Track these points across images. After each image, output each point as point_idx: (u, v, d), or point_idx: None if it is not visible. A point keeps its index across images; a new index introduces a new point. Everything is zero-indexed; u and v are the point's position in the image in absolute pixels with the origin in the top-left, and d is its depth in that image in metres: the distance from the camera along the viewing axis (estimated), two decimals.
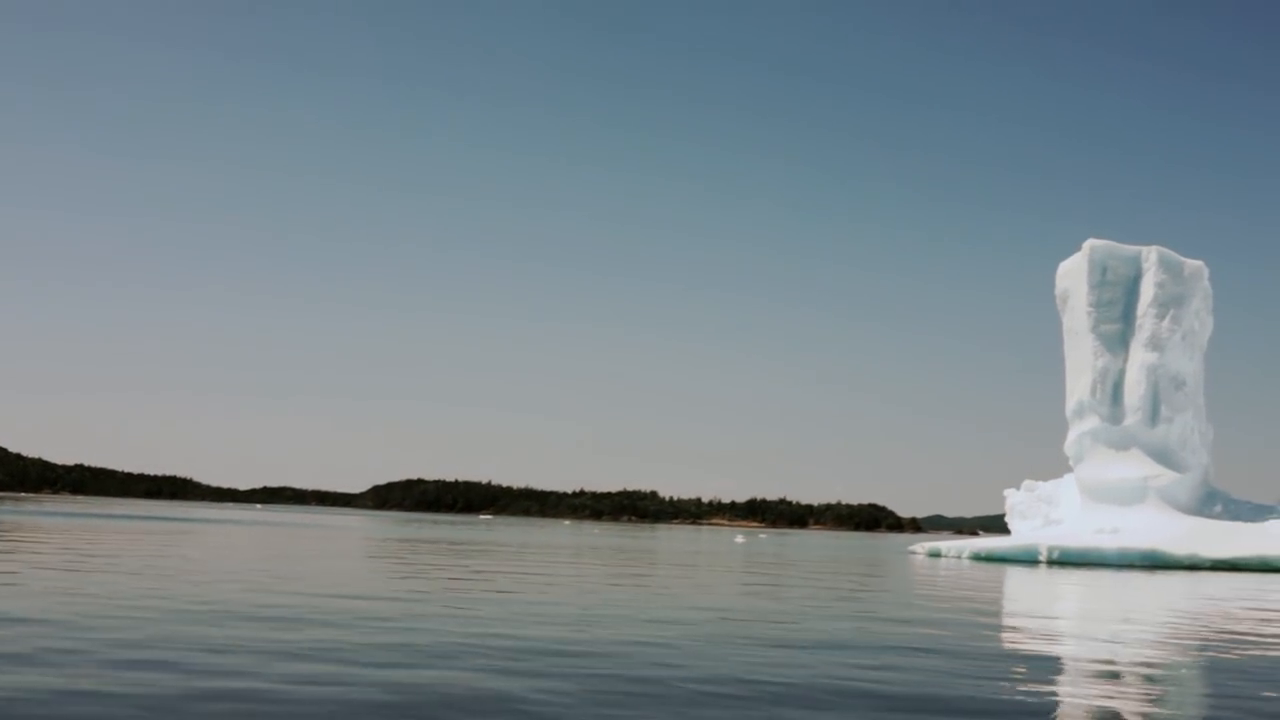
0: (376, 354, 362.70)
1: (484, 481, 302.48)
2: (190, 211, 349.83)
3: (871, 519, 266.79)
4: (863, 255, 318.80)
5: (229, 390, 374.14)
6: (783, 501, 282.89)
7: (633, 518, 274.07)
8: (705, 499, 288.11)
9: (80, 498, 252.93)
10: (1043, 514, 60.15)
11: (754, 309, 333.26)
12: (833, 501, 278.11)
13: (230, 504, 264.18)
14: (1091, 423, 58.23)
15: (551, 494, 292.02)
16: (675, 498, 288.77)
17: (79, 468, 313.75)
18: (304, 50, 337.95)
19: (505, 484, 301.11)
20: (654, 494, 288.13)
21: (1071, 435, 59.42)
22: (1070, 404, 59.61)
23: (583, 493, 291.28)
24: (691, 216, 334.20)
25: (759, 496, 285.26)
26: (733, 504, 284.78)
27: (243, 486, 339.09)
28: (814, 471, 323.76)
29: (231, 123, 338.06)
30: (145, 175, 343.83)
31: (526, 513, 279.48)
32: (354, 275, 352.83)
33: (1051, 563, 52.87)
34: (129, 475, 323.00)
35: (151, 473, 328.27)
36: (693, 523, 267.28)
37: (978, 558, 55.73)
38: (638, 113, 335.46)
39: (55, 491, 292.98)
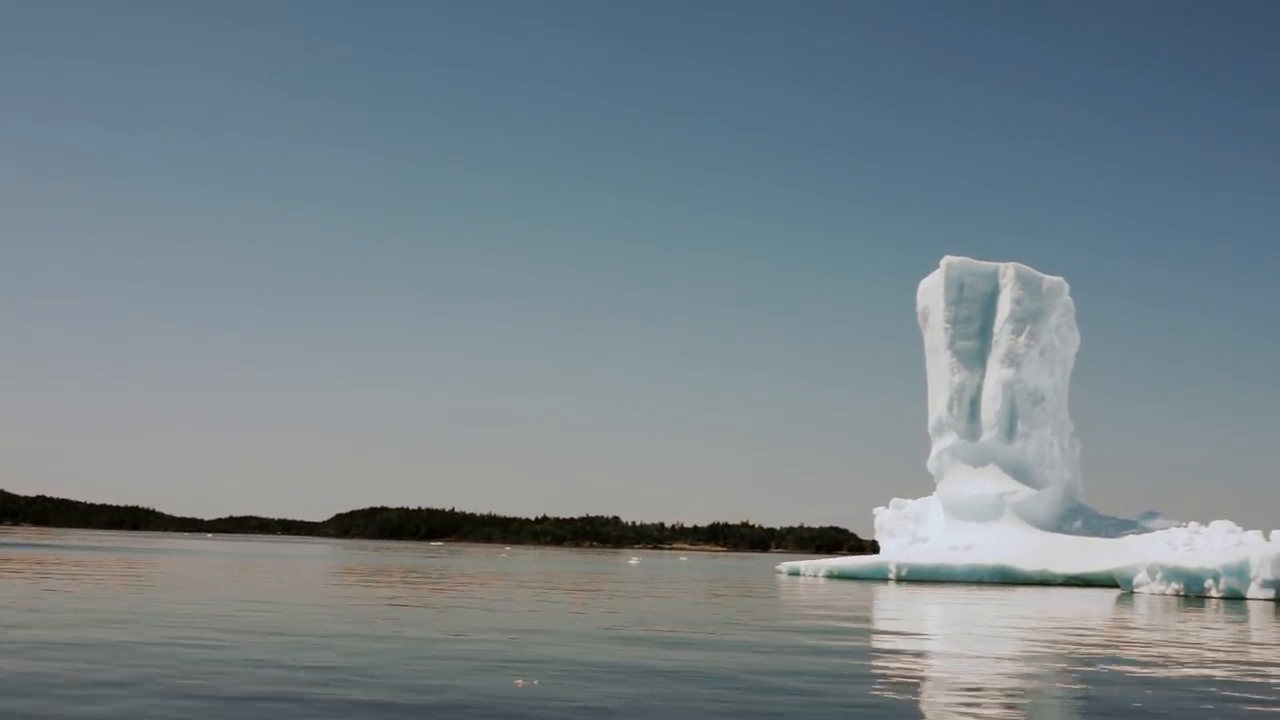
0: (341, 382, 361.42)
1: (447, 509, 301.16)
2: (152, 238, 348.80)
3: (833, 541, 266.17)
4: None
5: (193, 420, 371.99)
6: (745, 525, 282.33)
7: (594, 543, 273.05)
8: (668, 524, 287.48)
9: (41, 529, 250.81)
10: (910, 531, 59.98)
11: (717, 329, 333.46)
12: (795, 525, 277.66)
13: (187, 534, 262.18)
14: (950, 440, 58.17)
15: (514, 520, 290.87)
16: (638, 523, 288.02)
17: (40, 499, 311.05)
18: (293, 68, 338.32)
19: (468, 511, 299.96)
20: (616, 519, 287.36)
21: (932, 452, 59.35)
22: (931, 421, 59.55)
23: (545, 519, 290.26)
24: (645, 240, 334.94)
25: (721, 521, 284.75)
26: (695, 528, 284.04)
27: (207, 516, 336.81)
28: (777, 494, 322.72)
29: (201, 147, 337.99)
30: (105, 198, 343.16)
31: (489, 539, 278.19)
32: (316, 304, 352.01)
33: (901, 580, 52.67)
34: (91, 506, 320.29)
35: (114, 503, 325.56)
36: (654, 547, 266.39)
37: (831, 576, 55.54)
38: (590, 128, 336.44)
39: (16, 523, 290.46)
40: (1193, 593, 42.07)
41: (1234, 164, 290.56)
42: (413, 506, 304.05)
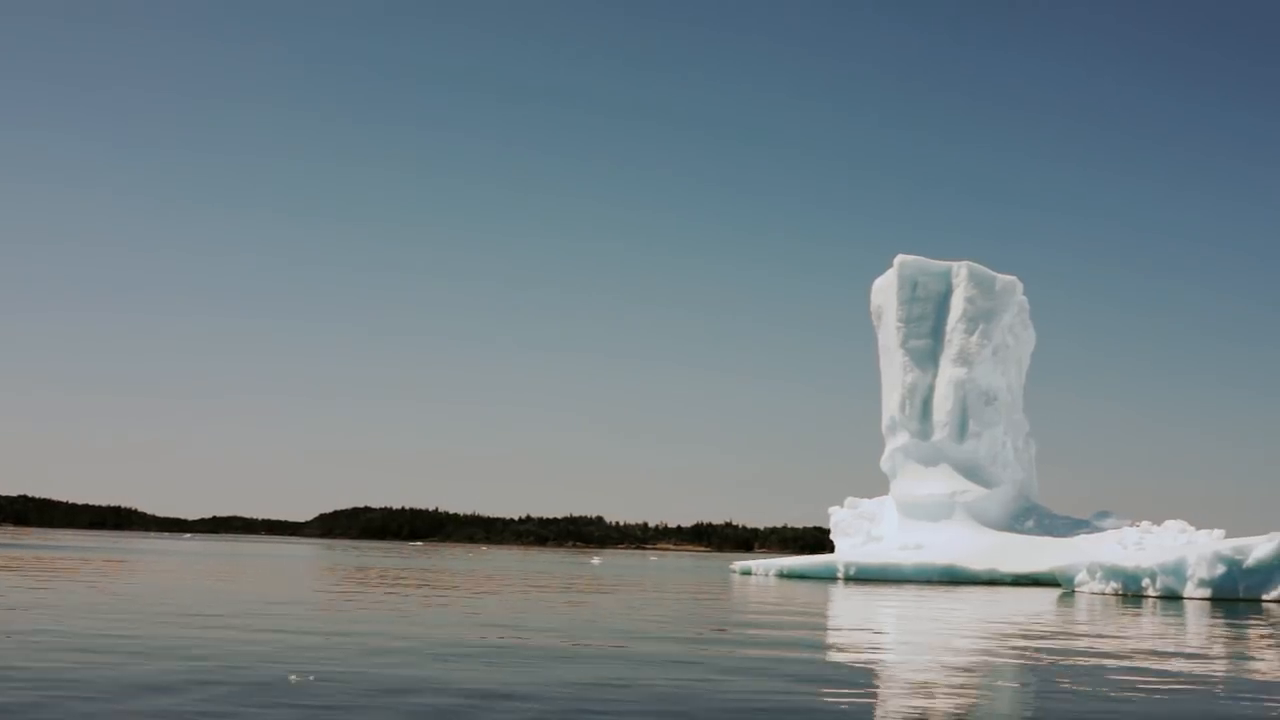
0: (326, 382, 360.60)
1: (431, 509, 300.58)
2: (131, 241, 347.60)
3: (816, 542, 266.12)
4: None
5: (177, 419, 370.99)
6: (729, 525, 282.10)
7: (577, 544, 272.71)
8: (652, 524, 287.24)
9: (22, 529, 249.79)
10: (864, 531, 59.88)
11: (702, 328, 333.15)
12: (779, 525, 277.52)
13: (166, 535, 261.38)
14: (902, 439, 58.09)
15: (498, 520, 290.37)
16: (621, 523, 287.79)
17: (22, 498, 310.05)
18: (281, 81, 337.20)
19: (452, 511, 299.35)
20: (600, 519, 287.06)
21: (886, 452, 59.26)
22: (884, 420, 59.46)
23: (529, 519, 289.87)
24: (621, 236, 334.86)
25: (705, 521, 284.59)
26: (679, 528, 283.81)
27: (190, 516, 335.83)
28: (761, 495, 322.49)
29: (187, 155, 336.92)
30: (84, 202, 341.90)
31: (471, 539, 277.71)
32: (300, 305, 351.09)
33: (849, 579, 52.58)
34: (73, 506, 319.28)
35: (96, 503, 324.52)
36: (637, 547, 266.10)
37: (782, 575, 55.44)
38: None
39: None
40: (1131, 592, 42.04)
41: (1188, 162, 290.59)
42: (396, 506, 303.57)
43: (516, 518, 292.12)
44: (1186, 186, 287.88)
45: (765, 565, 57.00)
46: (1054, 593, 43.65)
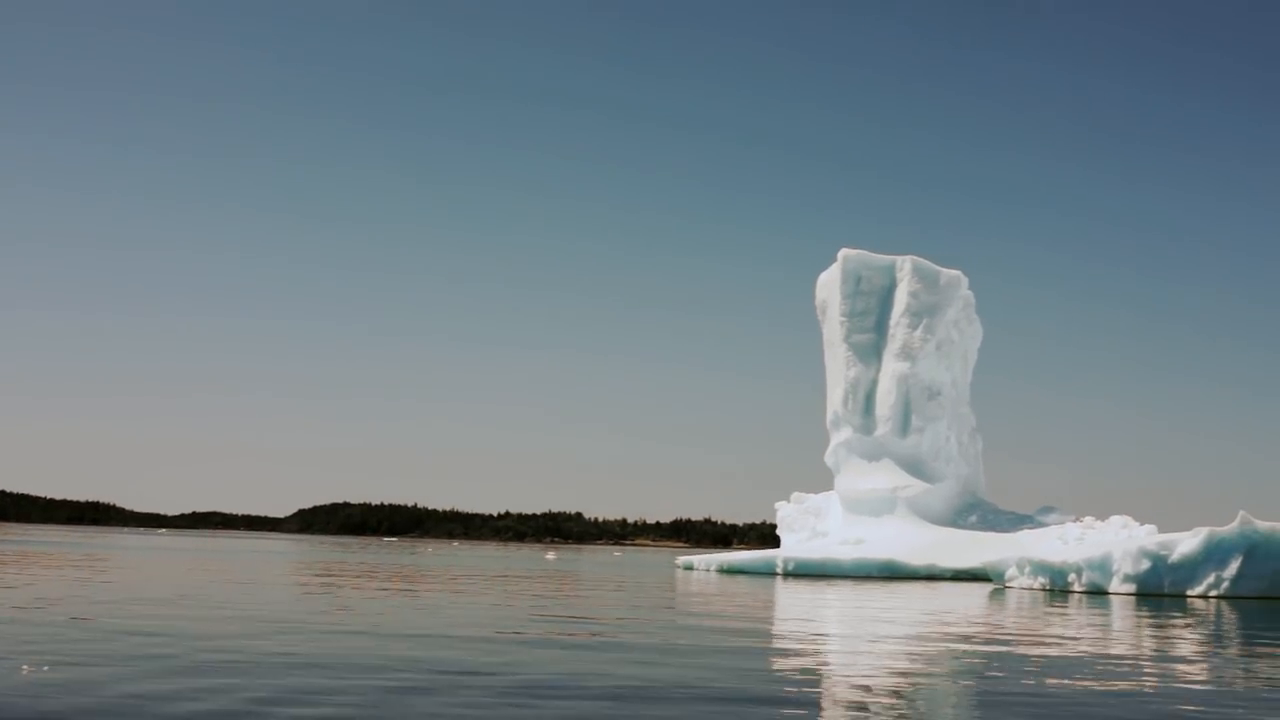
0: (306, 378, 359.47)
1: (410, 504, 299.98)
2: (108, 237, 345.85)
3: None
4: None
5: (156, 414, 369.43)
6: (707, 522, 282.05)
7: (556, 539, 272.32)
8: (631, 520, 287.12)
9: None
10: (810, 526, 59.60)
11: (678, 326, 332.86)
12: (757, 521, 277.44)
13: (141, 530, 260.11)
14: (846, 434, 57.80)
15: (476, 516, 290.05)
16: (600, 519, 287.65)
17: None
18: (288, 86, 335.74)
19: (431, 507, 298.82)
20: (579, 515, 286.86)
21: (830, 447, 58.97)
22: (828, 415, 59.17)
23: (508, 515, 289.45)
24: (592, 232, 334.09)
25: (684, 517, 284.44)
26: (658, 524, 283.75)
27: (170, 512, 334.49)
28: (743, 490, 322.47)
29: (175, 151, 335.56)
30: (66, 196, 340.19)
31: (450, 535, 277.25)
32: (279, 301, 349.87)
33: (788, 574, 52.28)
34: (50, 501, 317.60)
35: (74, 498, 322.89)
36: (616, 543, 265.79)
37: (723, 570, 55.14)
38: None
39: None
40: (1058, 587, 41.80)
41: (1138, 155, 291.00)
42: (375, 503, 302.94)
43: (495, 514, 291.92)
44: (1136, 180, 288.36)
45: (707, 560, 56.68)
46: (987, 588, 43.44)
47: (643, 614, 21.57)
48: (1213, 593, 38.60)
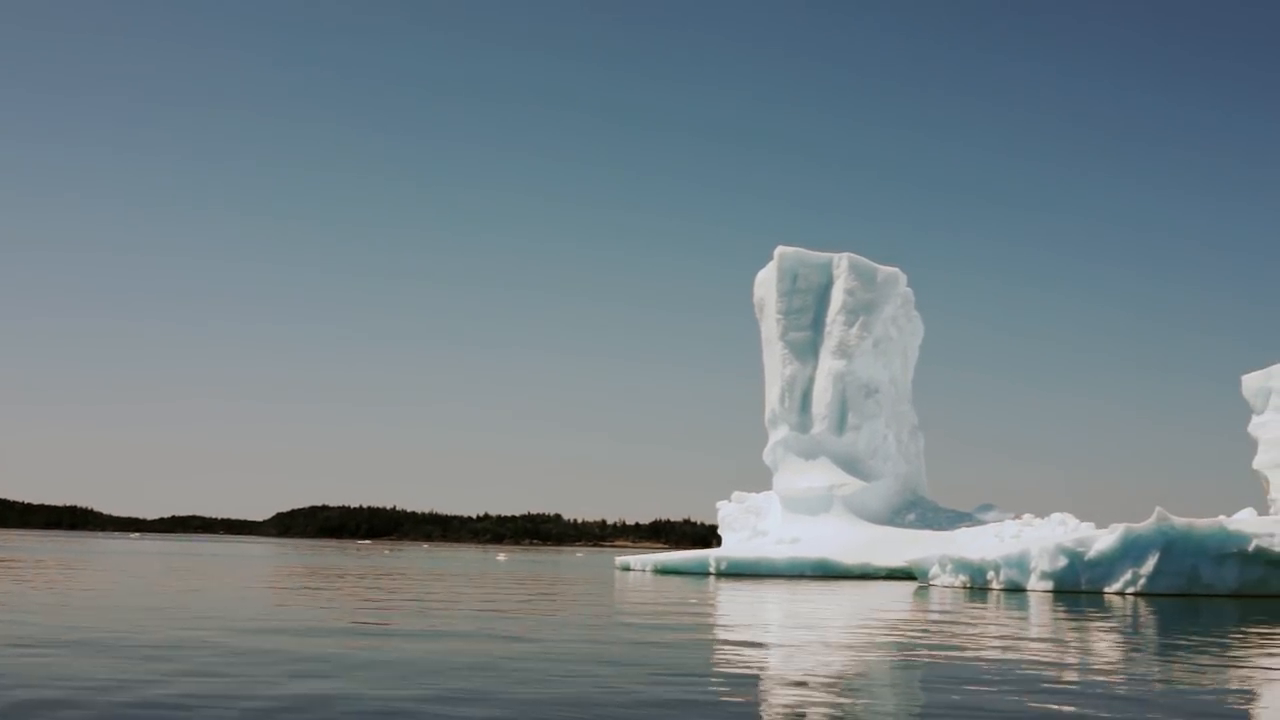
0: (285, 380, 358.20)
1: (388, 507, 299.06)
2: (85, 241, 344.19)
3: None
4: None
5: (134, 418, 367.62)
6: (687, 522, 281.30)
7: (535, 541, 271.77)
8: (610, 521, 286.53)
9: None
10: (751, 525, 59.18)
11: (664, 326, 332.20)
12: None
13: (116, 534, 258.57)
14: (783, 432, 57.39)
15: (455, 518, 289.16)
16: (580, 520, 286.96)
17: None
18: (275, 86, 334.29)
19: (410, 509, 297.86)
20: (557, 517, 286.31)
21: (768, 445, 58.57)
22: (766, 414, 58.76)
23: (486, 517, 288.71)
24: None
25: (664, 518, 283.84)
26: (637, 525, 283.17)
27: (149, 516, 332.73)
28: (722, 490, 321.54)
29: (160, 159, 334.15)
30: (55, 202, 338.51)
31: (429, 537, 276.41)
32: (259, 304, 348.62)
33: (720, 574, 51.87)
34: (27, 506, 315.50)
35: (52, 503, 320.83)
36: (595, 545, 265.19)
37: (658, 570, 54.72)
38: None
39: None
40: (977, 585, 41.46)
41: (1080, 148, 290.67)
42: (354, 505, 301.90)
43: (475, 516, 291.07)
44: (1080, 174, 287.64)
45: (643, 561, 56.26)
46: (912, 586, 43.11)
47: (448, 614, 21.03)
48: (1129, 590, 38.29)
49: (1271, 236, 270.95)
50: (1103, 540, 39.11)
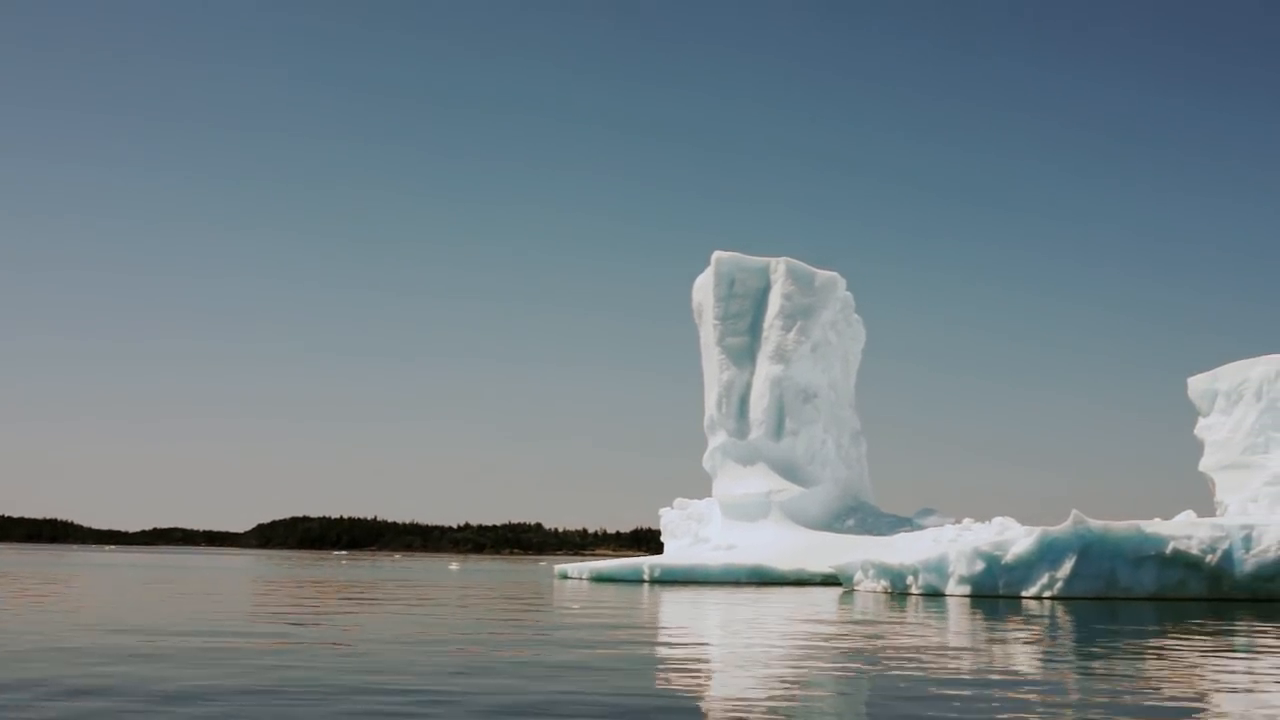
0: (265, 392, 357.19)
1: (369, 517, 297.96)
2: (65, 257, 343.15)
3: None
4: None
5: (113, 430, 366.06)
6: None
7: (515, 550, 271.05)
8: (591, 529, 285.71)
9: None
10: (692, 532, 58.83)
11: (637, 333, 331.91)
12: None
13: (91, 547, 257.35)
14: (721, 438, 57.05)
15: (435, 528, 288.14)
16: (561, 529, 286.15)
17: None
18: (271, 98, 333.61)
19: (391, 520, 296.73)
20: (538, 526, 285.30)
21: (707, 451, 58.23)
22: (705, 419, 58.42)
23: (467, 526, 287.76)
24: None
25: (645, 526, 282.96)
26: (618, 534, 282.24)
27: (130, 528, 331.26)
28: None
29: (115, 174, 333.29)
30: (34, 215, 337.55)
31: (409, 548, 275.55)
32: (238, 315, 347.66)
33: (654, 581, 51.48)
34: (7, 519, 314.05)
35: (32, 516, 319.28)
36: (576, 554, 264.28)
37: (595, 578, 54.34)
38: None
39: None
40: (898, 590, 41.15)
41: (1023, 146, 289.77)
42: (334, 516, 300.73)
43: (455, 526, 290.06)
44: (1026, 176, 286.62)
45: (580, 569, 55.85)
46: (837, 592, 42.79)
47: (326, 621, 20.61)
48: (1046, 593, 38.00)
49: (1220, 237, 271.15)
50: (1020, 544, 38.84)
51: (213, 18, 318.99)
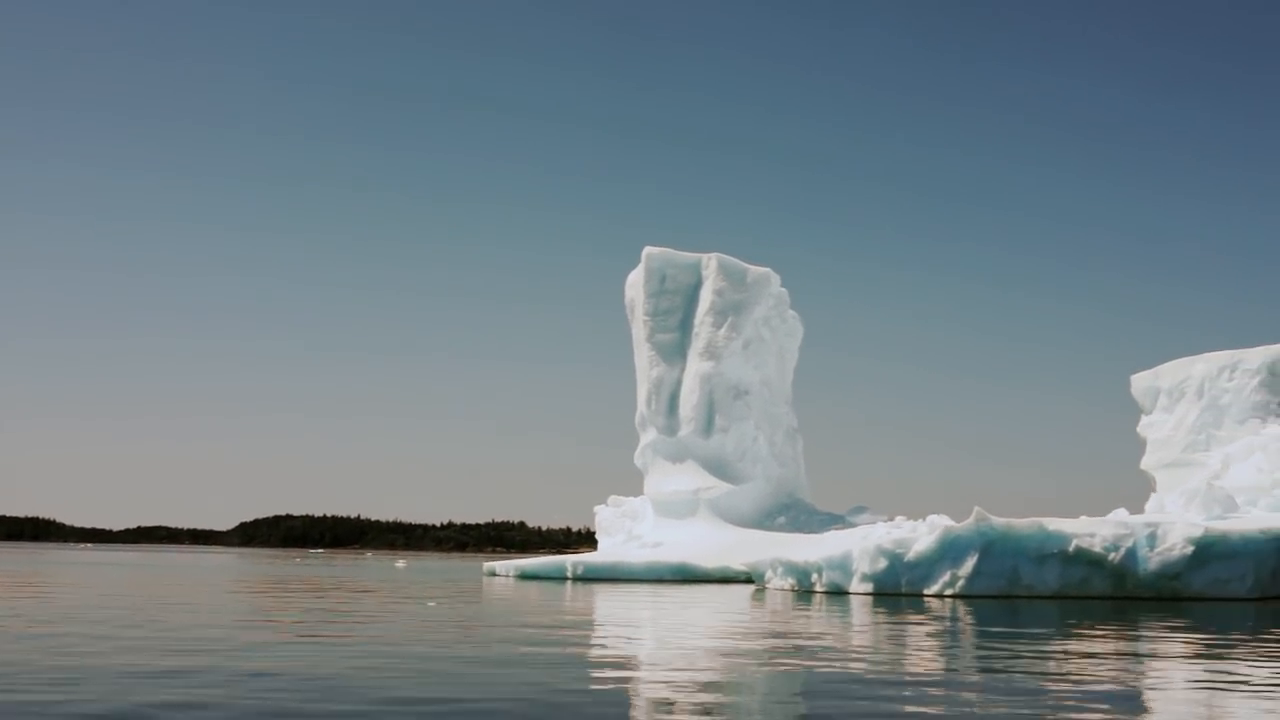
0: (249, 389, 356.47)
1: (352, 516, 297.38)
2: (49, 256, 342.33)
3: None
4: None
5: (96, 428, 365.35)
6: None
7: (499, 549, 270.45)
8: (575, 528, 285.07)
9: None
10: (626, 529, 58.49)
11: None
12: None
13: (71, 545, 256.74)
14: (651, 435, 56.70)
15: (419, 527, 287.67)
16: (544, 528, 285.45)
17: None
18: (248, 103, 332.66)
19: (374, 518, 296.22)
20: (522, 524, 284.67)
21: (638, 448, 57.88)
22: (636, 416, 58.05)
23: (450, 525, 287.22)
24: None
25: None
26: None
27: (114, 526, 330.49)
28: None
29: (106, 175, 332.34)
30: (22, 215, 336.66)
31: (392, 546, 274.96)
32: (221, 312, 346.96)
33: (577, 579, 51.16)
34: None
35: (14, 514, 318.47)
36: (558, 551, 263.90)
37: (520, 575, 54.00)
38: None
39: None
40: (804, 587, 40.82)
41: (963, 138, 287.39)
42: (318, 514, 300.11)
43: (439, 524, 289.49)
44: (968, 170, 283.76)
45: (507, 566, 55.51)
46: (749, 589, 42.48)
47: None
48: (949, 591, 37.66)
49: (1165, 233, 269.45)
50: (921, 541, 38.50)
51: (213, 18, 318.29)
